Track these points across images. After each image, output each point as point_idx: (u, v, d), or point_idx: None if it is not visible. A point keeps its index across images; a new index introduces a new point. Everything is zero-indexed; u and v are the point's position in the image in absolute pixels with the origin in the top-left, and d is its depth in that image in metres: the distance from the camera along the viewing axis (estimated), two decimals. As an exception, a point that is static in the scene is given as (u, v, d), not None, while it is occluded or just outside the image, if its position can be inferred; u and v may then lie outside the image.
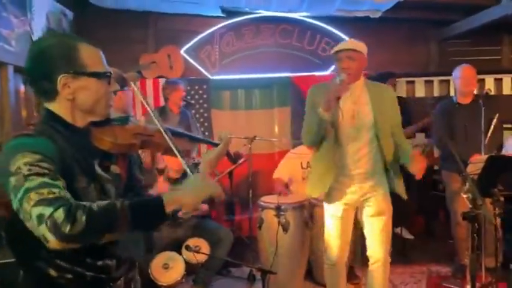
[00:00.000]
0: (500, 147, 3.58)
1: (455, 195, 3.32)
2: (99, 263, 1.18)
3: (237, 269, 3.57)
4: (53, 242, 0.95)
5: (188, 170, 1.21)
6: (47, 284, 1.13)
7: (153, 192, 2.11)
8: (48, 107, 1.16)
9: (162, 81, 4.53)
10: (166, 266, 2.82)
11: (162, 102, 4.44)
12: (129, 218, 1.02)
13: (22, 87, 3.42)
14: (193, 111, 4.37)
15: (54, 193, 0.97)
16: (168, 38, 4.72)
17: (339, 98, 2.25)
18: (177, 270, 2.82)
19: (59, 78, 1.11)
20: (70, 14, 4.13)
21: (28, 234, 1.01)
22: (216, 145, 1.38)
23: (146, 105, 1.35)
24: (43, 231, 0.94)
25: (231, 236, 3.17)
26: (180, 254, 2.89)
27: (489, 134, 3.22)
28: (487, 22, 4.12)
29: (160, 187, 2.65)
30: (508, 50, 5.00)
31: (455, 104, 3.38)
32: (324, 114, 2.24)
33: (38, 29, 3.46)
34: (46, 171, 1.00)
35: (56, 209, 0.94)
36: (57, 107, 1.15)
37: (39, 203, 0.95)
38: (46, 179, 0.99)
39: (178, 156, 1.22)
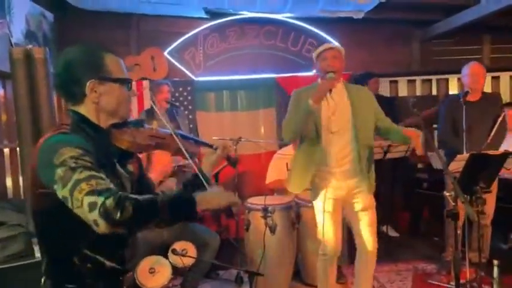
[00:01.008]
0: None
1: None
2: (119, 252, 1.30)
3: (225, 271, 3.55)
4: (103, 226, 1.06)
5: (196, 169, 1.40)
6: (69, 272, 1.23)
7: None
8: (75, 109, 1.27)
9: (145, 83, 4.49)
10: (152, 271, 2.78)
11: (146, 105, 4.40)
12: (167, 212, 1.14)
13: (1, 91, 3.34)
14: (182, 109, 4.35)
15: (101, 184, 1.09)
16: (151, 39, 4.68)
17: (330, 91, 2.41)
18: (163, 275, 2.78)
19: (87, 83, 1.23)
20: (50, 16, 4.06)
21: (61, 224, 1.18)
22: (211, 147, 1.50)
23: (160, 117, 1.60)
24: (95, 216, 1.05)
25: (218, 238, 3.14)
26: (167, 257, 2.85)
27: (493, 132, 3.22)
28: (468, 22, 4.19)
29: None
30: (488, 50, 5.10)
31: (462, 101, 3.32)
32: (314, 105, 2.34)
33: (17, 31, 3.39)
34: (90, 164, 1.12)
35: (106, 198, 1.06)
36: (84, 109, 1.27)
37: (90, 192, 1.07)
38: (92, 172, 1.10)
39: (188, 157, 1.39)
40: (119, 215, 1.05)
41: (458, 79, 4.90)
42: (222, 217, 4.39)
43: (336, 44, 2.61)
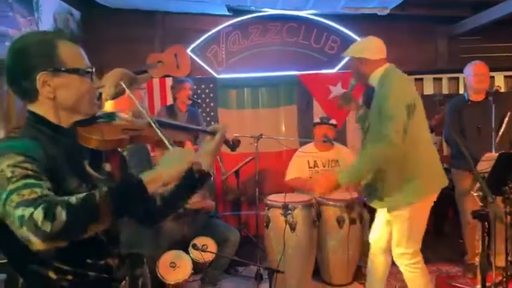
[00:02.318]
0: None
1: (465, 194, 3.27)
2: (101, 262, 1.16)
3: (244, 268, 3.56)
4: (36, 243, 0.90)
5: (163, 136, 1.18)
6: (48, 287, 1.10)
7: None
8: (31, 108, 1.13)
9: (168, 80, 4.54)
10: (173, 265, 2.81)
11: (169, 101, 4.45)
12: (110, 204, 0.97)
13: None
14: (199, 110, 4.37)
15: (36, 192, 0.93)
16: (174, 37, 4.72)
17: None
18: (184, 270, 2.82)
19: (38, 76, 1.07)
20: (77, 13, 4.15)
21: (19, 239, 0.98)
22: (212, 134, 1.35)
23: (134, 99, 1.31)
24: (25, 233, 0.90)
25: (238, 235, 3.16)
26: (187, 252, 2.88)
27: (501, 132, 3.16)
28: (497, 18, 4.06)
29: None
30: (518, 47, 4.93)
31: (467, 101, 3.33)
32: None
33: (45, 28, 3.48)
34: (29, 172, 0.97)
35: (35, 208, 0.90)
36: (40, 108, 1.12)
37: (20, 204, 0.91)
38: (28, 180, 0.95)
39: (169, 146, 1.17)
40: (50, 226, 0.89)
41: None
42: (242, 214, 4.41)
43: (351, 47, 2.54)
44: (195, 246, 2.81)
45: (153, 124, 1.19)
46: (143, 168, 1.21)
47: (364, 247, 3.36)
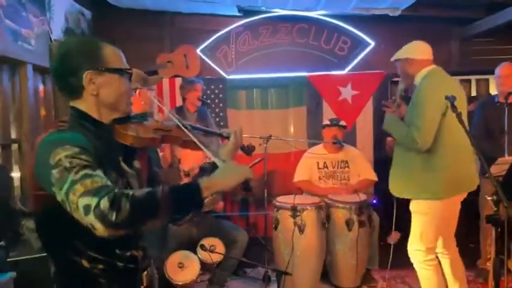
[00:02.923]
0: None
1: (485, 199, 3.22)
2: (128, 253, 1.23)
3: (252, 269, 3.55)
4: (100, 229, 0.99)
5: (213, 157, 1.26)
6: (80, 275, 1.17)
7: None
8: (75, 105, 1.22)
9: (178, 80, 4.54)
10: (181, 265, 2.81)
11: (178, 102, 4.45)
12: (169, 203, 1.05)
13: (41, 86, 3.46)
14: (209, 111, 4.37)
15: (97, 182, 1.02)
16: (184, 37, 4.72)
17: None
18: (192, 270, 2.81)
19: (84, 74, 1.17)
20: (88, 13, 4.18)
21: (62, 227, 1.10)
22: (227, 138, 1.41)
23: (162, 106, 1.43)
24: (91, 220, 0.99)
25: (246, 236, 3.14)
26: (195, 253, 2.88)
27: None
28: (511, 20, 4.00)
29: None
30: (532, 49, 4.84)
31: (496, 102, 3.29)
32: None
33: (57, 28, 3.51)
34: (86, 162, 1.05)
35: (101, 198, 0.99)
36: (84, 104, 1.21)
37: (84, 194, 1.00)
38: (88, 171, 1.03)
39: (200, 145, 1.27)
40: (114, 216, 0.98)
41: (500, 79, 4.70)
42: (250, 215, 4.39)
43: (400, 51, 2.66)
44: (203, 247, 2.81)
45: (181, 126, 1.30)
46: None
47: (373, 250, 3.34)
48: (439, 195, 2.42)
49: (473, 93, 4.88)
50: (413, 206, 2.53)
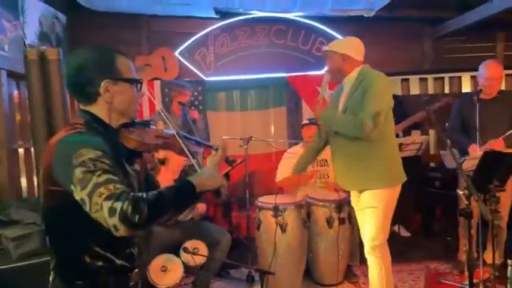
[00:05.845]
0: None
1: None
2: (127, 251, 1.32)
3: (236, 270, 3.56)
4: (123, 230, 1.08)
5: (199, 169, 1.42)
6: (79, 269, 1.24)
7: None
8: (87, 109, 1.31)
9: (157, 83, 4.52)
10: (164, 269, 2.80)
11: (157, 105, 4.42)
12: (174, 203, 1.18)
13: (15, 92, 3.40)
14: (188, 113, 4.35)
15: (118, 188, 1.10)
16: (161, 39, 4.71)
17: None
18: (175, 273, 2.80)
19: (102, 84, 1.27)
20: (63, 17, 4.11)
21: (73, 223, 1.20)
22: (212, 147, 1.50)
23: (167, 121, 1.60)
24: (115, 222, 1.07)
25: (229, 237, 3.15)
26: (178, 256, 2.87)
27: (510, 131, 3.13)
28: (481, 19, 4.13)
29: (162, 176, 2.64)
30: (502, 47, 5.01)
31: (475, 99, 3.23)
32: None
33: (30, 33, 3.44)
34: (107, 167, 1.14)
35: (124, 202, 1.07)
36: (96, 109, 1.30)
37: (109, 197, 1.08)
38: (110, 175, 1.12)
39: (190, 156, 1.43)
40: (137, 218, 1.08)
41: (471, 77, 4.84)
42: (232, 216, 4.40)
43: (334, 42, 2.68)
44: (186, 250, 2.80)
45: (177, 137, 1.44)
46: None
47: (355, 247, 3.40)
48: (392, 183, 2.52)
49: (446, 91, 5.02)
50: (366, 200, 2.54)
